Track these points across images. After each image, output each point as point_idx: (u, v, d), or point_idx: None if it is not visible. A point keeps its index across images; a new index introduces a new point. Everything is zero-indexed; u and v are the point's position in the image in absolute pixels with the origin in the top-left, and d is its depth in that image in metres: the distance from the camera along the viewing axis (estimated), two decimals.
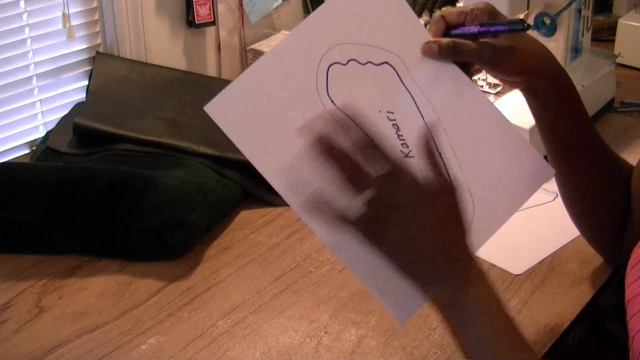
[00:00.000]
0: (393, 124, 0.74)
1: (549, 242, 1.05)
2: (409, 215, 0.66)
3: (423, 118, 0.75)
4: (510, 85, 0.82)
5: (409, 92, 0.76)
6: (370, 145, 0.66)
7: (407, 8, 0.77)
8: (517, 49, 0.78)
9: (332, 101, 0.72)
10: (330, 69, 0.72)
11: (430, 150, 0.69)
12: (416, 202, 0.66)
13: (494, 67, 0.78)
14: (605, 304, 1.18)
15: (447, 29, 0.78)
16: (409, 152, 0.73)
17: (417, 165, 0.68)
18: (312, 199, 0.66)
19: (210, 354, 0.87)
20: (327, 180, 0.66)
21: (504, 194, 0.78)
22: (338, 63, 0.72)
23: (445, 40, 0.76)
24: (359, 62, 0.73)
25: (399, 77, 0.76)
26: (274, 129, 0.70)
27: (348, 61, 0.73)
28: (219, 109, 0.69)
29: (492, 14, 0.78)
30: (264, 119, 0.70)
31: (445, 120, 0.75)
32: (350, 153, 0.65)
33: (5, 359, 0.87)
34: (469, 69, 0.78)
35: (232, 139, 0.69)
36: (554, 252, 1.03)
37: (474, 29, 0.77)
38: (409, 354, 0.86)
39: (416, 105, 0.76)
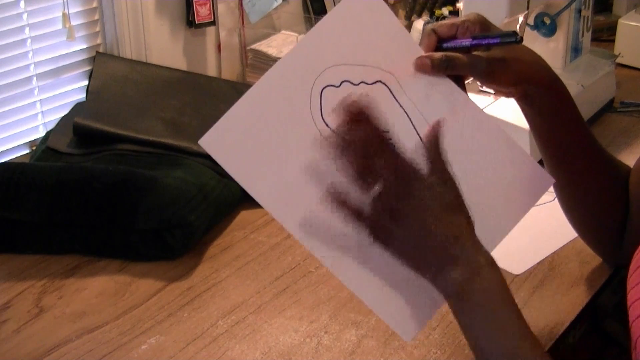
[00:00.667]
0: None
1: (549, 242, 1.05)
2: (416, 206, 0.67)
3: (418, 134, 0.74)
4: (505, 95, 0.81)
5: (403, 109, 0.75)
6: (378, 140, 0.67)
7: (398, 24, 0.76)
8: (511, 59, 0.76)
9: (327, 125, 0.71)
10: (323, 92, 0.71)
11: (436, 143, 0.69)
12: (422, 192, 0.67)
13: (488, 79, 0.77)
14: (605, 304, 1.17)
15: (439, 42, 0.77)
16: None
17: (422, 159, 0.69)
18: (331, 191, 0.68)
19: (210, 354, 0.87)
20: (343, 174, 0.67)
21: (504, 207, 0.77)
22: (331, 86, 0.71)
23: (438, 54, 0.74)
24: (352, 83, 0.72)
25: (393, 95, 0.75)
26: (269, 158, 0.70)
27: (341, 83, 0.72)
28: (214, 142, 0.68)
29: (483, 25, 0.77)
30: (260, 149, 0.69)
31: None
32: (360, 147, 0.66)
33: (5, 359, 0.86)
34: (461, 82, 0.77)
35: (228, 170, 0.69)
36: (554, 252, 1.03)
37: (466, 42, 0.75)
38: (408, 354, 0.86)
39: (411, 122, 0.75)
